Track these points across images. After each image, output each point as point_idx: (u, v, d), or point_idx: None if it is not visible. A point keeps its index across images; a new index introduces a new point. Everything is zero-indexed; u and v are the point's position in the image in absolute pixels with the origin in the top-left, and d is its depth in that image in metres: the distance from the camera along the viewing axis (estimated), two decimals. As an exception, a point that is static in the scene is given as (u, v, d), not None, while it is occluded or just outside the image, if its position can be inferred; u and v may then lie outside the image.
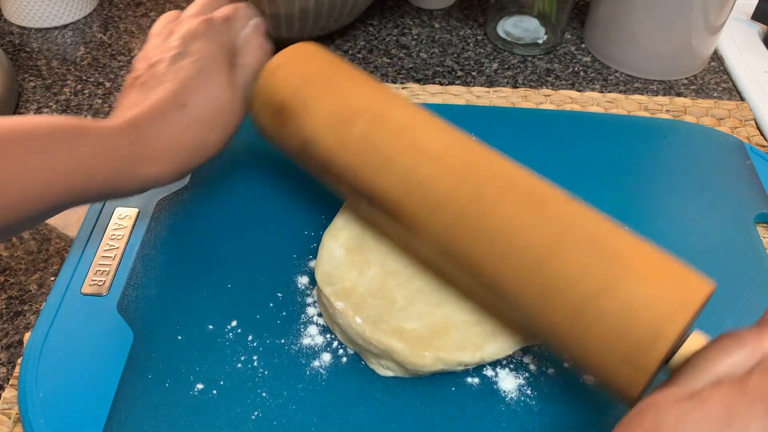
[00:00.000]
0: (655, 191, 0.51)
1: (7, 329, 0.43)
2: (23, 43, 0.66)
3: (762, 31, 0.70)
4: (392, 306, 0.39)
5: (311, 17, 0.59)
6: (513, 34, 0.67)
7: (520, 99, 0.60)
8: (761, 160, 0.54)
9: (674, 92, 0.63)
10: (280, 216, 0.48)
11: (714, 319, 0.42)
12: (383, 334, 0.37)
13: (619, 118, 0.58)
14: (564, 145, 0.54)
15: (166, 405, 0.37)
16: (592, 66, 0.65)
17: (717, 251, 0.47)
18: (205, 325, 0.41)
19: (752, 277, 0.45)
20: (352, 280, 0.40)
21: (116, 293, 0.43)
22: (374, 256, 0.42)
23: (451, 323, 0.38)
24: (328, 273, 0.41)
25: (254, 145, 0.53)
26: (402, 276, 0.41)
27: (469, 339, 0.38)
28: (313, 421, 0.37)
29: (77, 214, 0.50)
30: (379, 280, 0.40)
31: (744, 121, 0.59)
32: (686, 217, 0.49)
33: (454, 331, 0.38)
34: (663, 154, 0.54)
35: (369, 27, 0.69)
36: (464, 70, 0.64)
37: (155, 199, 0.48)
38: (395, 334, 0.37)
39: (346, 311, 0.38)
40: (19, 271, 0.46)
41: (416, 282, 0.40)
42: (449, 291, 0.40)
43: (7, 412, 0.39)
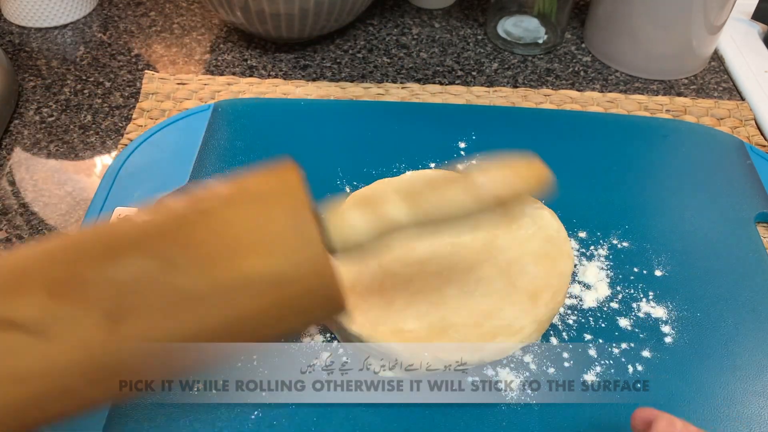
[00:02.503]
0: (655, 191, 0.51)
1: (6, 329, 0.43)
2: (23, 43, 0.66)
3: (762, 31, 0.70)
4: (391, 306, 0.39)
5: (311, 17, 0.59)
6: (513, 34, 0.67)
7: (520, 99, 0.60)
8: (761, 160, 0.54)
9: (674, 92, 0.63)
10: (280, 216, 0.48)
11: (714, 318, 0.43)
12: (382, 335, 0.37)
13: (619, 117, 0.58)
14: (564, 145, 0.54)
15: (166, 405, 0.37)
16: (592, 66, 0.65)
17: (717, 251, 0.47)
18: (205, 325, 0.41)
19: (752, 277, 0.45)
20: (352, 280, 0.40)
21: (116, 293, 0.43)
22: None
23: (450, 324, 0.38)
24: None
25: (254, 144, 0.53)
26: (400, 277, 0.41)
27: (468, 339, 0.38)
28: (313, 420, 0.37)
29: (77, 214, 0.50)
30: (379, 280, 0.40)
31: (744, 121, 0.59)
32: (686, 216, 0.49)
33: (453, 332, 0.38)
34: (663, 154, 0.54)
35: (369, 27, 0.69)
36: (464, 69, 0.64)
37: (155, 199, 0.48)
38: (395, 335, 0.37)
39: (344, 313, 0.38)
40: (19, 271, 0.46)
41: (415, 284, 0.40)
42: (448, 292, 0.40)
43: (7, 411, 0.38)
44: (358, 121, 0.56)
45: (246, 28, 0.63)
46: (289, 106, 0.57)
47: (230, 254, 0.30)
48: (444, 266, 0.41)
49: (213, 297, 0.30)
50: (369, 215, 0.32)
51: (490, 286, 0.40)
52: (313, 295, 0.31)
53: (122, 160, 0.52)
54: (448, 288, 0.40)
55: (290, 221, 0.30)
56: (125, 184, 0.50)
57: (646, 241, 0.47)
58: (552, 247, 0.42)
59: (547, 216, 0.44)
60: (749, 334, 0.42)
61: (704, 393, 0.39)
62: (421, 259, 0.42)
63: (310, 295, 0.31)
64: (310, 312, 0.32)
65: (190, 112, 0.56)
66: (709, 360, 0.40)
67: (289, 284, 0.30)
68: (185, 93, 0.59)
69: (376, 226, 0.32)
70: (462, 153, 0.53)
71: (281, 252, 0.30)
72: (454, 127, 0.55)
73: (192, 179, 0.50)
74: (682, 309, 0.43)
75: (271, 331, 0.32)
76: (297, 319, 0.32)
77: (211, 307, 0.30)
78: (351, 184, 0.50)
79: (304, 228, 0.30)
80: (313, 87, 0.60)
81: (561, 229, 0.44)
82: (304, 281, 0.30)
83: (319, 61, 0.64)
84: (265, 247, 0.30)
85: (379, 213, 0.32)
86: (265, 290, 0.30)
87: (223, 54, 0.65)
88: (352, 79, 0.62)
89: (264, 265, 0.30)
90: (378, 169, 0.51)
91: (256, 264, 0.30)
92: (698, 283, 0.44)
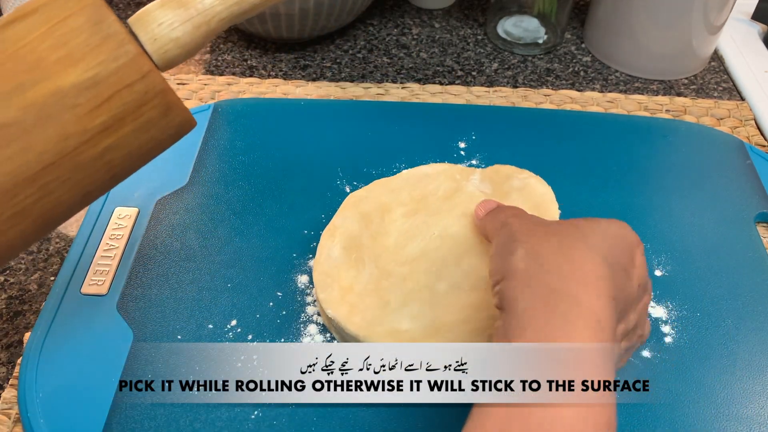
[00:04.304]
0: (655, 191, 0.51)
1: (7, 329, 0.43)
2: (23, 43, 0.66)
3: (762, 31, 0.70)
4: (386, 306, 0.39)
5: (311, 17, 0.59)
6: (513, 34, 0.67)
7: (520, 99, 0.60)
8: (761, 160, 0.54)
9: (674, 92, 0.63)
10: (280, 216, 0.48)
11: (714, 318, 0.43)
12: (378, 336, 0.37)
13: (619, 118, 0.58)
14: (564, 145, 0.54)
15: (166, 405, 0.37)
16: (592, 66, 0.65)
17: (717, 251, 0.47)
18: (205, 325, 0.41)
19: (752, 277, 0.45)
20: (350, 280, 0.40)
21: (116, 293, 0.43)
22: (370, 255, 0.42)
23: (443, 323, 0.38)
24: (326, 272, 0.41)
25: (254, 144, 0.53)
26: (395, 276, 0.41)
27: (461, 338, 0.38)
28: (313, 420, 0.37)
29: (77, 214, 0.50)
30: (375, 280, 0.40)
31: (744, 121, 0.59)
32: (686, 216, 0.49)
33: (446, 331, 0.38)
34: (663, 153, 0.54)
35: (369, 27, 0.69)
36: (464, 69, 0.64)
37: (155, 199, 0.48)
38: (390, 335, 0.37)
39: (340, 316, 0.38)
40: (19, 271, 0.46)
41: (408, 283, 0.40)
42: (439, 288, 0.40)
43: (7, 412, 0.38)
44: (358, 121, 0.56)
45: (246, 28, 0.63)
46: (289, 106, 0.57)
47: (36, 75, 0.30)
48: (434, 262, 0.41)
49: (29, 120, 0.30)
50: (178, 9, 0.32)
51: (477, 276, 0.40)
52: (137, 92, 0.31)
53: (122, 160, 0.51)
54: (439, 284, 0.40)
55: (93, 27, 0.30)
56: (125, 183, 0.49)
57: (646, 241, 0.47)
58: (539, 214, 0.42)
59: (533, 183, 0.44)
60: (749, 334, 0.42)
61: (704, 393, 0.39)
62: (413, 257, 0.42)
63: (135, 94, 0.31)
64: (145, 115, 0.32)
65: (190, 112, 0.56)
66: (709, 360, 0.40)
67: (105, 83, 0.30)
68: (185, 93, 0.59)
69: (187, 18, 0.32)
70: (462, 153, 0.53)
71: (91, 58, 0.30)
72: (454, 127, 0.55)
73: (192, 179, 0.50)
74: (682, 309, 0.43)
75: (116, 146, 0.32)
76: (137, 126, 0.32)
77: (33, 132, 0.30)
78: (351, 184, 0.50)
79: (108, 30, 0.30)
80: (313, 87, 0.60)
81: (547, 191, 0.44)
82: (121, 77, 0.31)
83: (319, 61, 0.64)
84: (72, 58, 0.30)
85: (188, 4, 0.33)
86: (81, 96, 0.30)
87: (223, 54, 0.65)
88: (352, 79, 0.62)
89: (75, 74, 0.30)
90: (378, 169, 0.51)
91: (68, 76, 0.30)
92: (698, 283, 0.44)
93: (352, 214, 0.44)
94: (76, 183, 0.32)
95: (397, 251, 0.42)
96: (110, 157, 0.32)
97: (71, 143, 0.31)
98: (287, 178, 0.50)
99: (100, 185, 0.34)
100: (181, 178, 0.50)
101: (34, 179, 0.31)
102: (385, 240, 0.43)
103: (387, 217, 0.44)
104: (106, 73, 0.31)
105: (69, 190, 0.32)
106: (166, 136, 0.35)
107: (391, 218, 0.44)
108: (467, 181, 0.46)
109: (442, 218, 0.43)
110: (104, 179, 0.34)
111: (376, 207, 0.44)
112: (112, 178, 0.34)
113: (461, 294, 0.39)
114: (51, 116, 0.30)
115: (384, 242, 0.43)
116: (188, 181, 0.50)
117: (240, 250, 0.45)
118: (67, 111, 0.30)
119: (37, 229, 0.33)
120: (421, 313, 0.39)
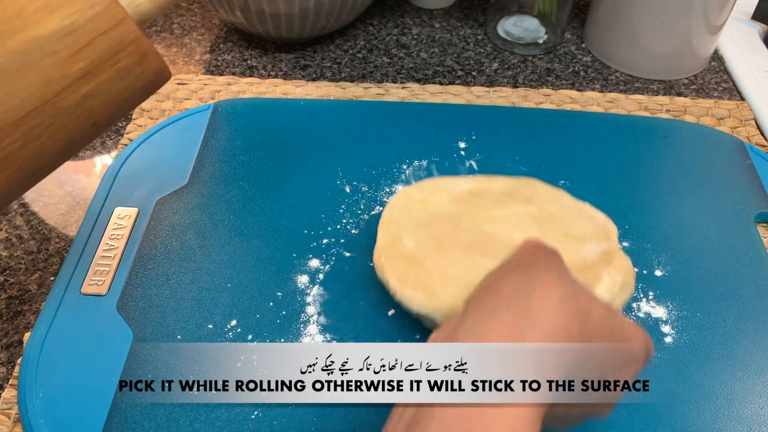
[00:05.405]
0: (655, 191, 0.51)
1: (7, 329, 0.43)
2: (23, 43, 0.66)
3: (762, 31, 0.70)
4: (423, 265, 0.40)
5: (311, 17, 0.59)
6: (513, 34, 0.67)
7: (520, 99, 0.60)
8: (761, 159, 0.54)
9: (674, 92, 0.63)
10: (280, 216, 0.48)
11: (714, 318, 0.43)
12: (411, 287, 0.39)
13: (619, 118, 0.58)
14: (564, 145, 0.54)
15: (165, 405, 0.37)
16: (592, 66, 0.65)
17: (717, 251, 0.47)
18: (205, 325, 0.41)
19: (752, 277, 0.45)
20: (401, 232, 0.42)
21: (116, 293, 0.43)
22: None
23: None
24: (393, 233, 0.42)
25: (254, 144, 0.53)
26: (448, 240, 0.41)
27: None
28: (313, 420, 0.37)
29: (77, 214, 0.50)
30: (427, 240, 0.41)
31: (744, 121, 0.59)
32: (686, 216, 0.49)
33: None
34: (663, 153, 0.54)
35: (369, 27, 0.69)
36: (464, 69, 0.64)
37: (155, 199, 0.48)
38: (422, 289, 0.39)
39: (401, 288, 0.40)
40: (19, 271, 0.46)
41: (456, 251, 0.41)
42: (484, 266, 0.39)
43: (7, 412, 0.38)
44: (358, 121, 0.56)
45: (246, 28, 0.63)
46: (289, 106, 0.57)
47: (17, 24, 0.32)
48: (490, 239, 0.41)
49: (11, 67, 0.31)
50: None
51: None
52: (113, 39, 0.33)
53: (122, 160, 0.52)
54: (489, 262, 0.39)
55: None
56: (125, 184, 0.50)
57: (646, 241, 0.47)
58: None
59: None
60: (749, 334, 0.42)
61: (704, 393, 0.39)
62: (472, 227, 0.41)
63: (110, 40, 0.33)
64: (122, 62, 0.34)
65: (190, 112, 0.56)
66: (709, 360, 0.40)
67: (82, 30, 0.32)
68: (185, 93, 0.59)
69: None
70: (462, 153, 0.53)
71: (68, 6, 0.32)
72: (454, 127, 0.55)
73: (192, 179, 0.50)
74: (682, 309, 0.43)
75: (95, 92, 0.34)
76: (114, 72, 0.34)
77: (15, 78, 0.31)
78: (351, 184, 0.50)
79: None
80: (313, 87, 0.60)
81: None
82: (97, 24, 0.32)
83: (319, 61, 0.64)
84: (50, 8, 0.32)
85: None
86: (60, 43, 0.32)
87: (223, 54, 0.65)
88: (352, 79, 0.62)
89: (54, 22, 0.32)
90: (378, 169, 0.51)
91: (47, 24, 0.32)
92: (698, 283, 0.45)
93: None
94: (59, 129, 0.34)
95: (459, 217, 0.42)
96: (90, 104, 0.34)
97: (52, 89, 0.33)
98: (287, 178, 0.51)
99: (82, 132, 0.35)
100: (180, 178, 0.50)
101: (18, 124, 0.32)
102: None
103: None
104: (82, 21, 0.32)
105: (52, 136, 0.34)
106: (143, 84, 0.36)
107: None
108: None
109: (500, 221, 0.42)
110: (86, 126, 0.35)
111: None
112: (93, 126, 0.36)
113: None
114: (32, 63, 0.32)
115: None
116: (188, 181, 0.50)
117: (240, 250, 0.45)
118: (47, 57, 0.32)
119: (23, 177, 0.34)
120: (456, 285, 0.39)
